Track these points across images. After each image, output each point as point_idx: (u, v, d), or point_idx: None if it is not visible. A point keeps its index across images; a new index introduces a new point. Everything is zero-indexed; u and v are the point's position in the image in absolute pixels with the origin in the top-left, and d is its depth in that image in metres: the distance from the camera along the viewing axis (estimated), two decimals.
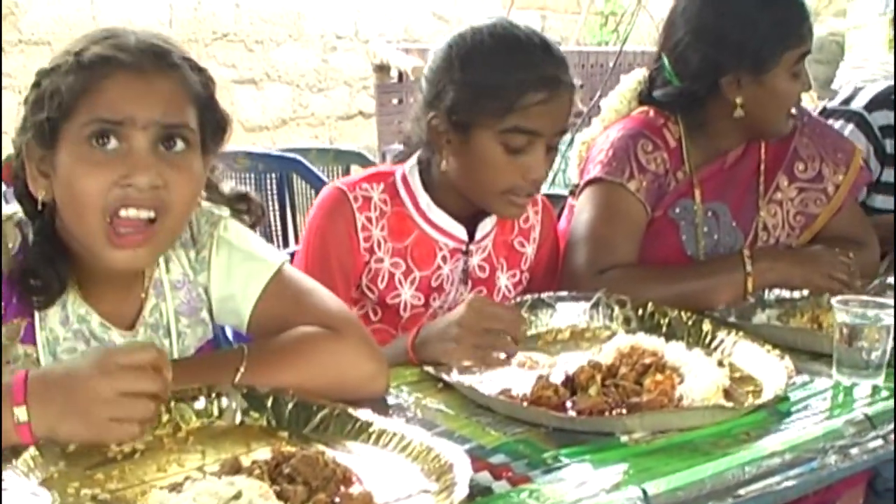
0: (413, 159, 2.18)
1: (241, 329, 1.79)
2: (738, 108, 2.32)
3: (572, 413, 1.64)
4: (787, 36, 2.30)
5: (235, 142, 6.24)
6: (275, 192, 4.34)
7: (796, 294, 2.29)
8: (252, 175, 4.39)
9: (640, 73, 2.50)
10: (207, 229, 1.77)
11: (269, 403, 1.60)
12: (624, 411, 1.64)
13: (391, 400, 1.72)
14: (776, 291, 2.29)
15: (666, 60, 2.39)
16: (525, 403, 1.68)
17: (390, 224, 2.14)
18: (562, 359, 1.90)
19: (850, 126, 2.87)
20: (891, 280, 2.37)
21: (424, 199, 2.16)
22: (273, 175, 4.36)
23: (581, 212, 2.31)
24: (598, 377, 1.71)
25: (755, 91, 2.31)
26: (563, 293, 2.12)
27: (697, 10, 2.35)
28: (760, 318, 2.19)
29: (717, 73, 2.31)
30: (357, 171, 2.83)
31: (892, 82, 2.98)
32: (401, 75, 6.80)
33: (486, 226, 2.22)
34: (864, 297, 1.90)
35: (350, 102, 7.71)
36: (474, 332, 1.83)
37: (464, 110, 2.04)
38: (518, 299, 2.12)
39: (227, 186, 1.83)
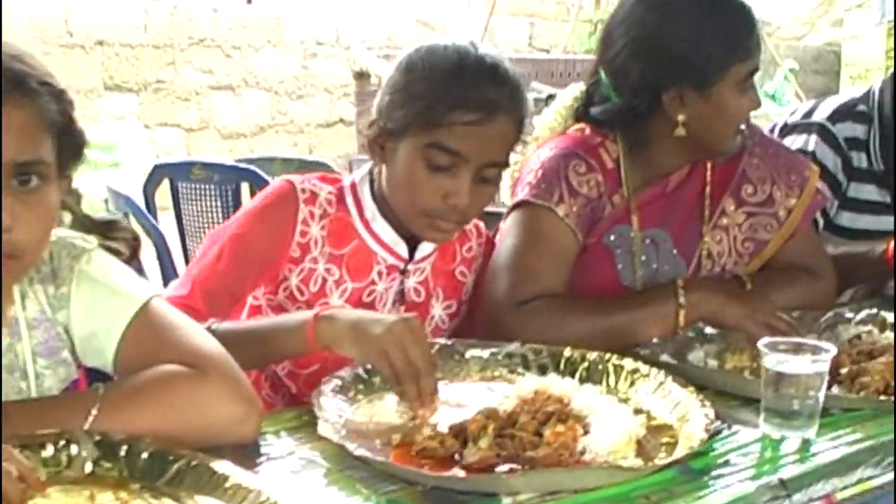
0: (365, 168, 2.07)
1: (108, 369, 1.63)
2: (679, 126, 2.14)
3: (456, 469, 1.47)
4: (734, 49, 2.11)
5: (212, 149, 6.18)
6: (230, 203, 4.21)
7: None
8: (208, 186, 4.28)
9: (577, 89, 2.32)
10: (68, 263, 1.61)
11: (123, 452, 1.45)
12: (517, 467, 1.47)
13: (265, 447, 1.56)
14: None
15: (603, 75, 2.21)
16: (413, 452, 1.52)
17: (331, 228, 2.02)
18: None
19: (814, 137, 2.68)
20: (847, 314, 2.20)
21: (370, 209, 2.04)
22: (229, 186, 4.23)
23: (506, 237, 2.14)
24: (491, 427, 1.54)
25: (700, 108, 2.13)
26: (473, 340, 1.94)
27: (637, 19, 2.16)
28: (698, 354, 2.01)
29: (659, 88, 2.13)
30: None
31: (854, 95, 2.79)
32: (381, 83, 6.64)
33: (427, 247, 2.09)
34: (797, 339, 1.72)
35: (330, 110, 7.56)
36: (398, 348, 1.64)
37: (395, 117, 1.93)
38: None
39: (97, 213, 1.68)
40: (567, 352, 1.87)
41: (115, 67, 6.54)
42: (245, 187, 4.23)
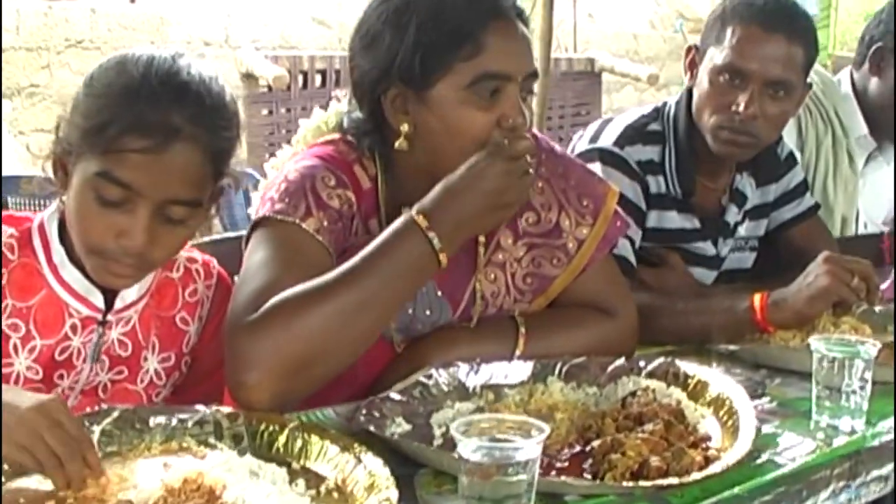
0: (55, 205, 1.79)
1: None
2: (401, 137, 1.82)
3: None
4: (456, 41, 1.76)
5: None
6: None
7: (507, 381, 1.83)
8: (38, 200, 3.98)
9: (346, 101, 2.01)
10: None
11: None
12: None
13: None
14: (487, 376, 1.83)
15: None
16: None
17: (13, 277, 1.74)
18: None
19: (599, 165, 2.34)
20: (640, 362, 1.90)
21: (58, 253, 1.76)
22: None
23: (250, 254, 1.77)
24: None
25: (421, 116, 1.81)
26: (160, 406, 1.65)
27: (366, 11, 1.86)
28: (445, 415, 1.72)
29: (377, 91, 1.83)
30: None
31: (644, 112, 2.50)
32: (269, 85, 6.45)
33: (131, 294, 1.81)
34: (500, 415, 1.44)
35: None
36: (34, 439, 1.35)
37: (70, 139, 1.68)
38: (104, 407, 1.60)
39: None
40: (264, 422, 1.57)
41: None
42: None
